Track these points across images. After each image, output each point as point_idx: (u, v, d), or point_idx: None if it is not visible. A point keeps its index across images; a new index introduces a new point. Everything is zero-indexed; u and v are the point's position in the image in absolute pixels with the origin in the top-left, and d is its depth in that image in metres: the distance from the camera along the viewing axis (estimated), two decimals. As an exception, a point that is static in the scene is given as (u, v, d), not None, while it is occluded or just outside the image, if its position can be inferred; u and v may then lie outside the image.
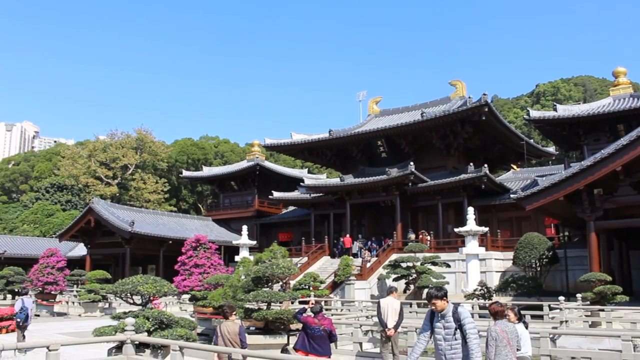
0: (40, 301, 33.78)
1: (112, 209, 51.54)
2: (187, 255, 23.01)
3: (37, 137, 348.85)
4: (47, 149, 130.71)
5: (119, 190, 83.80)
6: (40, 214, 78.06)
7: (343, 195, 45.11)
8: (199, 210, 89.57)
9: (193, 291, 21.55)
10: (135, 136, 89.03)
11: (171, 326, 12.48)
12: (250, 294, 14.85)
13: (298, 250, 45.36)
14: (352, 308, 29.00)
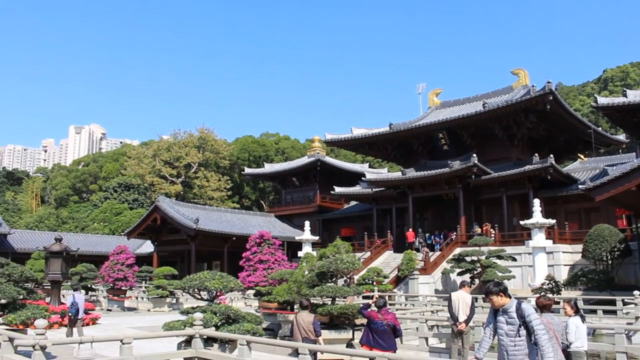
0: (111, 297, 34.92)
1: (177, 206, 52.74)
2: (251, 252, 23.26)
3: (104, 139, 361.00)
4: (114, 150, 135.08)
5: (183, 189, 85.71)
6: (109, 213, 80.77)
7: (405, 189, 44.70)
8: (261, 207, 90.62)
9: (258, 287, 21.80)
10: (198, 135, 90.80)
11: (238, 321, 12.64)
12: (314, 289, 14.87)
13: (361, 245, 45.24)
14: (416, 303, 28.74)
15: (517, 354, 6.92)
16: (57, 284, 24.47)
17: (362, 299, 24.60)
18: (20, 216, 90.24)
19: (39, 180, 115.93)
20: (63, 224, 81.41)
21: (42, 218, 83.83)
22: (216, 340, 12.30)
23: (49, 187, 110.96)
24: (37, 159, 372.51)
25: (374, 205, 49.69)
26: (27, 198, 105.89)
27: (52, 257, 23.74)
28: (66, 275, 25.02)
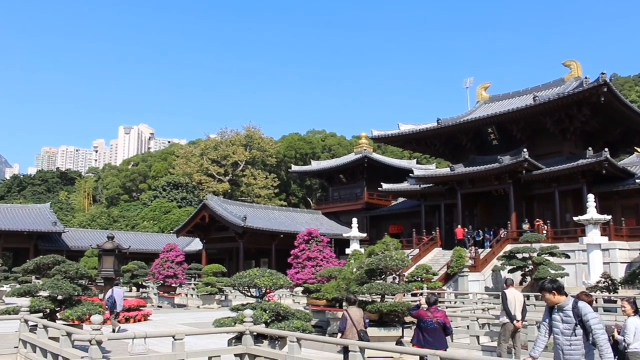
0: (161, 293, 35.50)
1: (225, 204, 53.33)
2: (299, 249, 23.28)
3: (153, 139, 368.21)
4: (162, 149, 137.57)
5: (230, 187, 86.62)
6: (158, 211, 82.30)
7: (454, 185, 44.09)
8: (308, 204, 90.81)
9: (306, 284, 21.81)
10: (244, 133, 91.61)
11: (287, 318, 12.62)
12: (364, 286, 14.75)
13: (409, 242, 44.84)
14: (466, 300, 28.28)
15: (573, 354, 6.67)
16: (109, 281, 24.99)
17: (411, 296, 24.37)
18: (73, 215, 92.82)
19: (90, 180, 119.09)
20: (114, 222, 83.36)
21: (94, 217, 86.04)
22: (266, 337, 12.31)
23: (100, 186, 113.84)
24: (88, 159, 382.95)
25: (422, 201, 49.18)
26: (80, 197, 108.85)
27: (104, 254, 24.28)
28: (118, 272, 25.56)
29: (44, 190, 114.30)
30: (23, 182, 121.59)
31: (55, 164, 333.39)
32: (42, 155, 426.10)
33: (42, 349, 13.09)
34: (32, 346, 13.83)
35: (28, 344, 14.09)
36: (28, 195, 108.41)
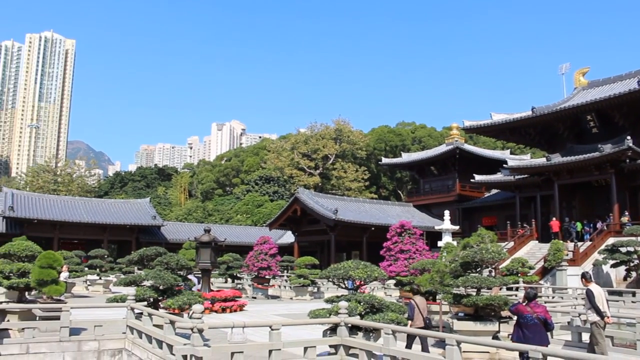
0: (256, 285, 36.35)
1: (316, 197, 53.89)
2: (392, 241, 23.16)
3: (244, 134, 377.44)
4: (254, 145, 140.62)
5: (321, 180, 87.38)
6: (251, 205, 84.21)
7: (550, 175, 42.40)
8: (399, 197, 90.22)
9: (399, 276, 21.69)
10: (334, 127, 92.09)
11: (382, 310, 12.60)
12: (459, 279, 14.48)
13: (503, 235, 43.57)
14: (565, 296, 27.18)
15: None
16: (207, 272, 25.90)
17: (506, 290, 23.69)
18: (170, 209, 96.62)
19: (186, 176, 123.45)
20: (209, 216, 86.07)
21: (190, 211, 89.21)
22: (360, 329, 12.35)
23: (195, 181, 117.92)
24: (183, 155, 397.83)
25: (517, 193, 47.66)
26: (176, 192, 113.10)
27: (202, 247, 25.15)
28: (215, 264, 26.42)
29: (143, 186, 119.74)
30: (124, 179, 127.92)
31: (153, 161, 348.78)
32: (141, 153, 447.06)
33: (147, 335, 13.77)
34: (138, 332, 14.58)
35: (135, 330, 14.86)
36: (129, 190, 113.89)
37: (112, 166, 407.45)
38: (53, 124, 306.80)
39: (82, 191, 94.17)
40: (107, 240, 57.39)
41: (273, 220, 57.41)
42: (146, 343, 13.76)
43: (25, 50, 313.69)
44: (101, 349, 15.27)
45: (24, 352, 14.35)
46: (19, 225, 53.95)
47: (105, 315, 17.30)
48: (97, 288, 35.94)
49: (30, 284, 16.31)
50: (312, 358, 11.95)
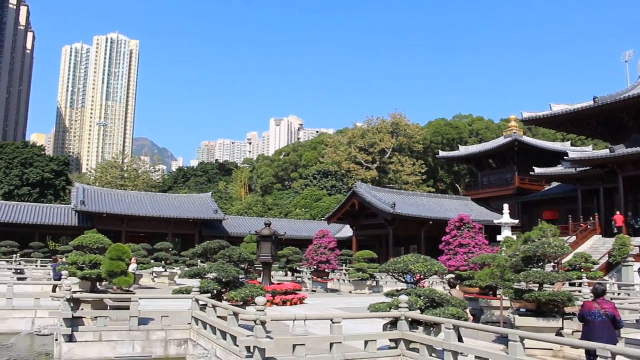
0: (315, 278, 36.69)
1: (374, 192, 53.87)
2: (451, 235, 22.92)
3: (302, 129, 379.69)
4: (312, 139, 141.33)
5: (378, 174, 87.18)
6: (310, 199, 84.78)
7: (614, 167, 41.01)
8: (457, 190, 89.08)
9: (458, 271, 21.51)
10: (391, 120, 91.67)
11: (442, 305, 12.61)
12: (520, 274, 14.29)
13: (565, 229, 42.44)
14: (632, 293, 26.36)
15: None
16: (267, 266, 26.36)
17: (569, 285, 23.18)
18: (231, 204, 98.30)
19: (246, 171, 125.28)
20: (269, 210, 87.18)
21: (250, 205, 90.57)
22: (421, 324, 12.40)
23: (255, 176, 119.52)
24: (243, 151, 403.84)
25: (579, 186, 46.34)
26: (237, 187, 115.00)
27: (262, 240, 25.62)
28: (275, 257, 26.85)
29: (205, 181, 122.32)
30: (187, 174, 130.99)
31: (213, 157, 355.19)
32: (202, 149, 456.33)
33: (211, 327, 14.23)
34: (202, 323, 15.08)
35: (200, 321, 15.37)
36: (192, 185, 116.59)
37: (175, 162, 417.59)
38: (119, 122, 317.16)
39: (148, 186, 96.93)
40: (171, 234, 59.03)
41: (331, 214, 57.73)
42: (210, 334, 14.22)
43: (93, 52, 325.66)
44: (168, 338, 15.86)
45: (97, 340, 15.08)
46: (90, 219, 56.22)
47: (171, 307, 17.91)
48: (162, 280, 37.08)
49: (102, 275, 17.05)
50: (373, 352, 12.10)
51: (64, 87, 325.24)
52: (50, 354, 15.84)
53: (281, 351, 11.34)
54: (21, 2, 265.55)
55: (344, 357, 11.74)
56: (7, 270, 36.27)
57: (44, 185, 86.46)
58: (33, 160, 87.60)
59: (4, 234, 52.79)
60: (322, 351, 11.92)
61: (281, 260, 38.52)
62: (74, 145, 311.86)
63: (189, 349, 15.66)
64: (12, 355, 15.97)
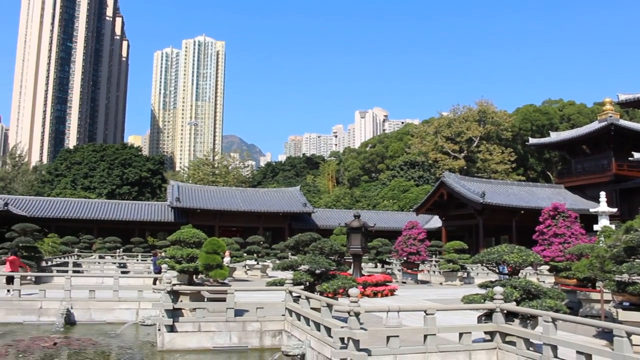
0: (405, 269, 36.51)
1: (462, 181, 52.95)
2: (545, 225, 22.16)
3: (387, 121, 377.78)
4: (397, 130, 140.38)
5: (466, 163, 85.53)
6: (397, 190, 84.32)
7: None
8: (548, 178, 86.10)
9: (553, 261, 20.81)
10: (477, 108, 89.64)
11: (539, 297, 12.27)
12: (622, 265, 13.64)
13: (670, 217, 40.04)
14: None
15: None
16: (357, 257, 26.50)
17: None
18: (319, 196, 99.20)
19: (333, 163, 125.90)
20: (356, 202, 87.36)
21: (338, 197, 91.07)
22: (517, 316, 12.14)
23: (341, 169, 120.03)
24: (329, 144, 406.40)
25: (687, 171, 43.60)
26: (324, 180, 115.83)
27: (352, 232, 25.78)
28: (365, 249, 26.94)
29: (292, 174, 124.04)
30: (275, 169, 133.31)
31: (300, 151, 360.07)
32: (289, 144, 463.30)
33: (305, 318, 14.50)
34: (296, 315, 15.39)
35: (293, 313, 15.69)
36: (280, 180, 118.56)
37: (263, 157, 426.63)
38: (209, 121, 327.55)
39: (238, 182, 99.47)
40: (262, 228, 60.46)
41: (420, 205, 57.24)
42: (304, 325, 14.48)
43: (182, 55, 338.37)
44: (263, 329, 16.30)
45: (196, 330, 15.74)
46: (185, 215, 58.51)
47: (264, 298, 18.38)
48: (255, 272, 38.05)
49: (198, 268, 17.74)
50: (467, 344, 11.96)
51: (157, 90, 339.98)
52: (154, 343, 16.69)
53: (375, 342, 11.42)
54: (116, 13, 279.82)
55: (438, 349, 11.67)
56: (112, 264, 38.46)
57: (141, 183, 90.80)
58: (131, 160, 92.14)
59: (108, 230, 56.00)
60: (415, 343, 11.89)
61: (371, 252, 38.55)
62: (167, 144, 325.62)
63: (283, 340, 16.01)
64: (119, 344, 16.97)
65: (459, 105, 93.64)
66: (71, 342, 16.90)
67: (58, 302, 20.09)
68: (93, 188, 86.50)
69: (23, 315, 19.86)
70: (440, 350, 11.70)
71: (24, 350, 15.63)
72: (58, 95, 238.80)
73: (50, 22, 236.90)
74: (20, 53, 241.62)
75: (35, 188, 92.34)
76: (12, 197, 61.08)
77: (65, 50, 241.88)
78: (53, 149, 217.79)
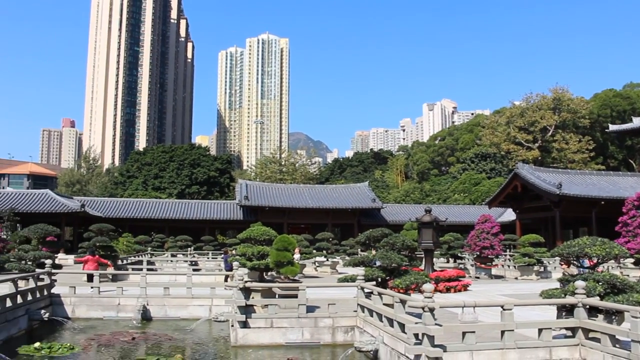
0: (478, 264, 35.61)
1: (537, 172, 51.25)
2: (629, 215, 21.12)
3: (456, 112, 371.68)
4: (468, 122, 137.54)
5: (540, 154, 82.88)
6: (468, 184, 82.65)
7: None
8: (630, 167, 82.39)
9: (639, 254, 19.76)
10: (551, 96, 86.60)
11: (625, 291, 11.62)
12: None
13: None
14: None
15: None
16: (429, 252, 25.99)
17: None
18: (388, 192, 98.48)
19: (401, 158, 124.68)
20: (426, 196, 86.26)
21: (407, 192, 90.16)
22: (600, 311, 11.54)
23: (410, 163, 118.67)
24: (396, 138, 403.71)
25: None
26: (393, 175, 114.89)
27: (423, 227, 25.29)
28: (437, 243, 26.39)
29: (360, 170, 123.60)
30: (343, 165, 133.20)
31: (367, 146, 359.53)
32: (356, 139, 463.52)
33: (378, 314, 14.30)
34: (369, 311, 15.21)
35: (365, 309, 15.52)
36: (348, 175, 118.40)
37: (330, 153, 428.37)
38: (275, 119, 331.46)
39: (305, 179, 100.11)
40: (330, 224, 60.45)
41: (492, 198, 55.82)
42: (377, 321, 14.29)
43: (246, 54, 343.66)
44: (335, 325, 16.22)
45: (268, 326, 15.83)
46: (253, 213, 59.31)
47: (335, 295, 18.29)
48: (324, 269, 38.07)
49: (269, 265, 17.83)
50: (547, 340, 11.48)
51: (222, 90, 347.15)
52: (227, 339, 16.93)
53: (450, 338, 11.16)
54: (180, 16, 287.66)
55: (517, 345, 11.27)
56: (184, 262, 39.41)
57: (210, 183, 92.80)
58: (199, 160, 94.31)
59: (178, 229, 57.52)
60: (492, 339, 11.55)
61: (442, 247, 37.86)
62: (234, 143, 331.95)
63: (355, 336, 15.88)
64: (194, 339, 17.30)
65: (532, 94, 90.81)
66: (148, 336, 17.41)
67: (135, 298, 20.75)
68: (163, 188, 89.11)
69: (103, 311, 20.62)
70: (518, 346, 11.29)
71: (105, 344, 16.26)
72: (127, 98, 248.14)
73: (117, 27, 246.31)
74: (91, 60, 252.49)
75: (108, 189, 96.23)
76: (88, 199, 63.89)
77: (132, 54, 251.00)
78: (124, 151, 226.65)
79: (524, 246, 35.19)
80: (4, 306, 16.65)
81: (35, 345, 15.01)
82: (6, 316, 16.75)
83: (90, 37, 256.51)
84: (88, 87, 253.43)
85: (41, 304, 19.66)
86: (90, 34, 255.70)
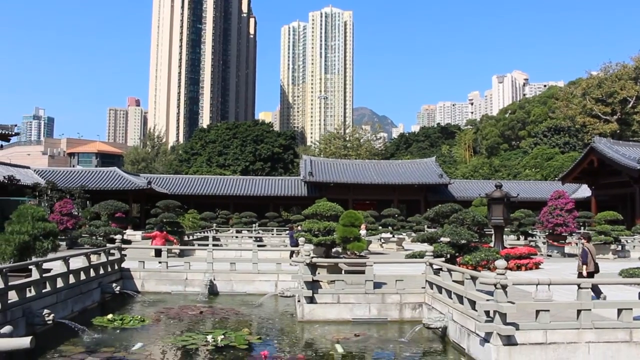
0: (550, 242, 34.49)
1: (615, 146, 49.00)
2: None
3: (527, 84, 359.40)
4: (540, 94, 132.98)
5: (619, 127, 79.19)
6: (540, 159, 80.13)
7: None
8: None
9: None
10: (633, 65, 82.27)
11: None
12: None
13: None
14: None
15: None
16: (499, 229, 25.34)
17: None
18: (456, 167, 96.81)
19: (469, 132, 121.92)
20: (496, 172, 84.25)
21: (475, 167, 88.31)
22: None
23: (479, 137, 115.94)
24: (464, 112, 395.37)
25: None
26: (460, 150, 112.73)
27: (493, 203, 24.65)
28: (508, 220, 25.70)
29: (427, 145, 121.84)
30: (408, 140, 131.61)
31: (434, 120, 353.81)
32: (422, 114, 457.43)
33: (447, 290, 13.99)
34: (437, 287, 14.91)
35: (434, 285, 15.22)
36: (414, 151, 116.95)
37: (395, 129, 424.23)
38: (339, 94, 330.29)
39: (370, 154, 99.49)
40: (396, 200, 59.94)
41: (566, 173, 53.85)
42: (446, 298, 14.00)
43: (309, 28, 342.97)
44: (402, 302, 16.02)
45: (335, 302, 15.80)
46: (318, 189, 59.51)
47: (401, 271, 18.04)
48: (390, 245, 37.75)
49: (335, 240, 17.73)
50: (628, 321, 10.94)
51: (285, 66, 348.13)
52: (293, 314, 17.00)
53: (522, 316, 10.82)
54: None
55: (594, 325, 10.77)
56: (248, 238, 39.96)
57: (273, 159, 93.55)
58: (263, 136, 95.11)
59: (243, 205, 58.43)
60: (567, 318, 11.11)
61: (513, 224, 36.85)
62: (297, 119, 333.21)
63: (423, 313, 15.64)
64: (260, 314, 17.46)
65: (611, 63, 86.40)
66: (215, 311, 17.68)
67: (202, 273, 21.15)
68: (227, 165, 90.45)
69: (171, 286, 21.14)
70: (595, 327, 10.77)
71: (174, 317, 16.61)
72: (190, 76, 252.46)
73: (180, 5, 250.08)
74: (155, 38, 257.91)
75: (173, 167, 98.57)
76: (154, 176, 65.75)
77: (195, 32, 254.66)
78: (188, 128, 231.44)
79: (600, 224, 33.79)
80: (79, 279, 17.27)
81: (109, 316, 15.53)
82: (81, 289, 17.38)
83: (153, 16, 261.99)
84: (152, 66, 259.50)
85: (112, 278, 20.33)
86: (154, 13, 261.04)
